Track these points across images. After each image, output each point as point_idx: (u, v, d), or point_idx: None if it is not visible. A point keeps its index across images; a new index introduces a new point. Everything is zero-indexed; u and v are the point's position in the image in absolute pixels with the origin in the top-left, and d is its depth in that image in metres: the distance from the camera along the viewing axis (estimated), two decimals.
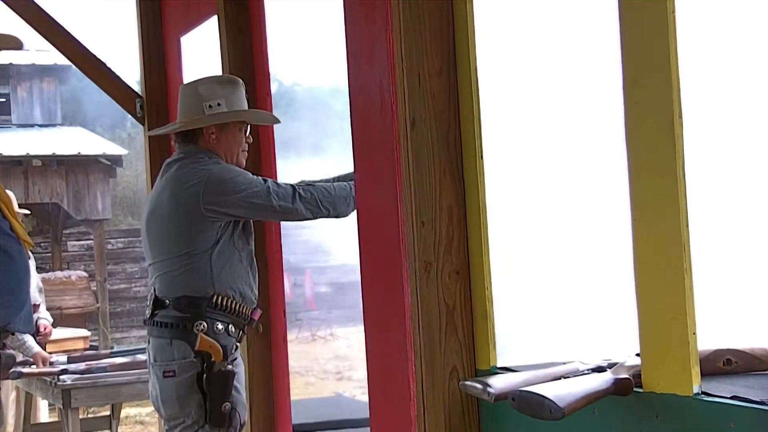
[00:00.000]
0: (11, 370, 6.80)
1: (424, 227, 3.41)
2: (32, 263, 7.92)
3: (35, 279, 7.88)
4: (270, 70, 4.81)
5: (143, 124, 5.96)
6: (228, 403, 3.91)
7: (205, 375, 3.91)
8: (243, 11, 4.71)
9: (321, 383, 15.42)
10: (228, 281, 4.04)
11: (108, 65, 6.18)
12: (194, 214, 3.99)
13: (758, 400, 2.41)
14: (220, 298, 3.99)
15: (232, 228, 4.09)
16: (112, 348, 11.63)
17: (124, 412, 8.28)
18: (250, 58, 4.73)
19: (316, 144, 22.25)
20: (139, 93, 6.06)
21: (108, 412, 7.76)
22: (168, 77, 5.95)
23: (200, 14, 5.31)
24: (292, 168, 7.17)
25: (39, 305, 7.77)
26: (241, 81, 4.23)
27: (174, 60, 5.88)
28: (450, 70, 3.46)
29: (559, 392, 2.60)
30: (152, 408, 6.20)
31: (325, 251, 22.97)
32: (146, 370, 6.58)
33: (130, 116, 6.21)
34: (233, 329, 4.07)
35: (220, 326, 3.98)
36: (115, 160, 18.67)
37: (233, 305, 4.04)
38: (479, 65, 3.44)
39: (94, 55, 6.03)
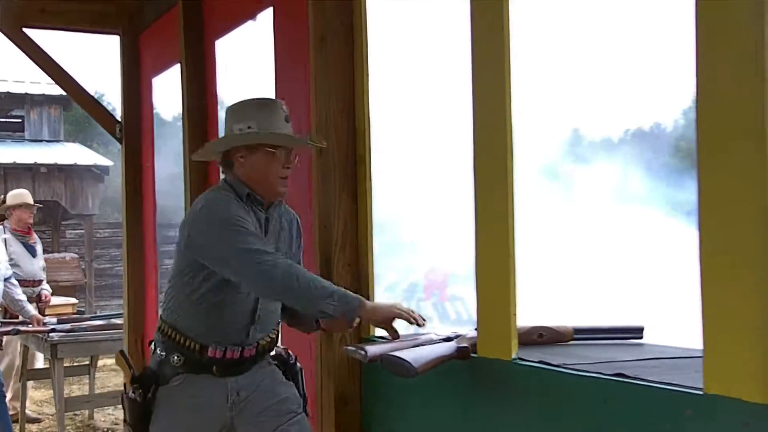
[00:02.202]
0: (11, 328, 6.79)
1: (326, 230, 3.46)
2: (39, 247, 7.90)
3: (41, 260, 7.83)
4: (218, 105, 4.71)
5: (121, 143, 5.94)
6: (129, 427, 2.98)
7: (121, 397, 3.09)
8: (199, 59, 4.70)
9: None
10: (181, 312, 2.97)
11: (95, 97, 6.15)
12: (182, 248, 2.97)
13: (557, 363, 2.49)
14: (165, 327, 2.98)
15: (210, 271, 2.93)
16: (94, 313, 11.48)
17: (100, 362, 8.21)
18: (204, 94, 4.71)
19: None
20: (119, 119, 6.02)
21: (88, 362, 7.70)
22: (142, 109, 5.96)
23: (169, 61, 5.31)
24: None
25: (42, 280, 7.77)
26: (279, 103, 3.08)
27: (147, 95, 5.88)
28: (350, 111, 3.49)
29: (415, 356, 2.63)
30: None
31: None
32: (118, 330, 6.60)
33: None
34: (176, 360, 2.93)
35: (163, 354, 2.96)
36: (104, 169, 19.04)
37: (177, 337, 2.94)
38: (372, 108, 3.49)
39: (84, 89, 6.00)
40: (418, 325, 2.84)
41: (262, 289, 2.85)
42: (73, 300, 10.44)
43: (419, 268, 13.13)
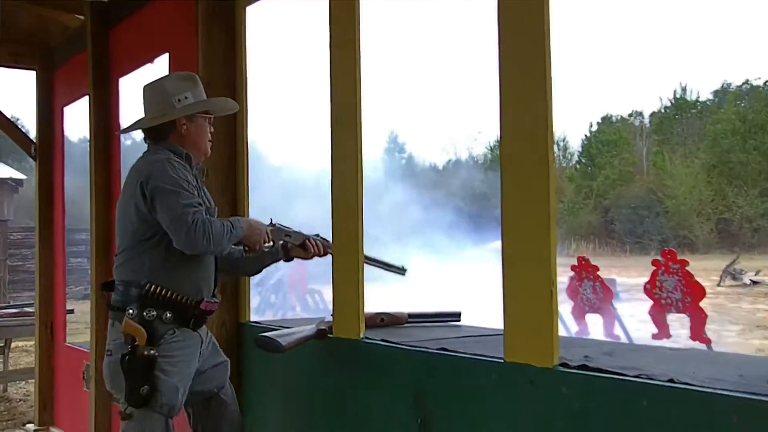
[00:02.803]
0: None
1: None
2: None
3: None
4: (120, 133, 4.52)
5: (35, 161, 5.68)
6: (146, 386, 2.59)
7: (127, 357, 2.63)
8: (105, 94, 4.57)
9: None
10: (163, 273, 2.68)
11: (13, 121, 5.86)
12: (138, 204, 2.67)
13: (395, 341, 2.54)
14: (153, 287, 2.64)
15: None
16: (8, 303, 10.91)
17: (13, 345, 7.82)
18: (110, 123, 4.58)
19: None
20: (34, 140, 5.76)
21: (2, 344, 7.37)
22: (54, 132, 5.72)
23: (78, 94, 5.15)
24: None
25: None
26: (197, 76, 2.92)
27: (58, 121, 5.67)
28: (231, 139, 3.45)
29: (282, 336, 2.65)
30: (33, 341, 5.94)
31: None
32: (30, 317, 6.32)
33: None
34: (169, 316, 2.65)
35: (153, 313, 2.63)
36: (18, 182, 18.64)
37: (168, 295, 2.66)
38: (249, 134, 3.46)
39: (3, 113, 5.70)
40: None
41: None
42: None
43: (283, 267, 13.14)
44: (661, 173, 37.95)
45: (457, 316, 3.13)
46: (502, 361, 2.10)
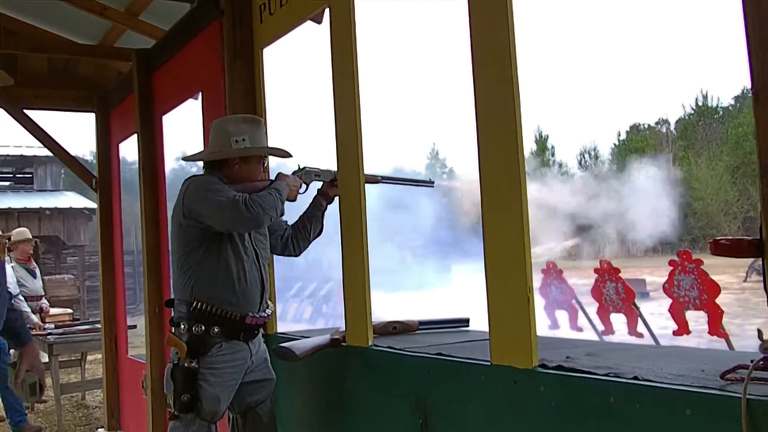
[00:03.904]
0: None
1: None
2: (38, 271, 7.78)
3: (40, 281, 7.74)
4: (164, 162, 4.68)
5: (96, 192, 5.86)
6: (187, 395, 2.62)
7: (173, 367, 2.70)
8: (151, 131, 4.68)
9: None
10: (208, 290, 2.67)
11: (75, 156, 6.07)
12: (180, 220, 2.69)
13: (399, 347, 2.55)
14: (199, 304, 2.66)
15: (220, 236, 2.68)
16: (87, 320, 11.18)
17: (90, 357, 8.07)
18: (154, 157, 4.69)
19: None
20: (95, 174, 5.94)
21: (78, 357, 7.60)
22: (111, 166, 5.88)
23: (129, 131, 5.27)
24: None
25: (42, 296, 7.73)
26: (262, 120, 2.95)
27: (115, 156, 5.83)
28: None
29: (298, 346, 2.68)
30: None
31: None
32: (99, 332, 6.47)
33: None
34: (216, 331, 2.65)
35: (202, 327, 2.64)
36: (93, 211, 19.23)
37: (214, 311, 2.65)
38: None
39: (66, 150, 5.91)
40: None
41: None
42: (69, 311, 10.16)
43: (332, 279, 13.44)
44: (688, 177, 37.12)
45: (465, 321, 3.11)
46: (489, 363, 2.10)
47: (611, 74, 51.92)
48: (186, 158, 2.98)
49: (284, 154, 2.93)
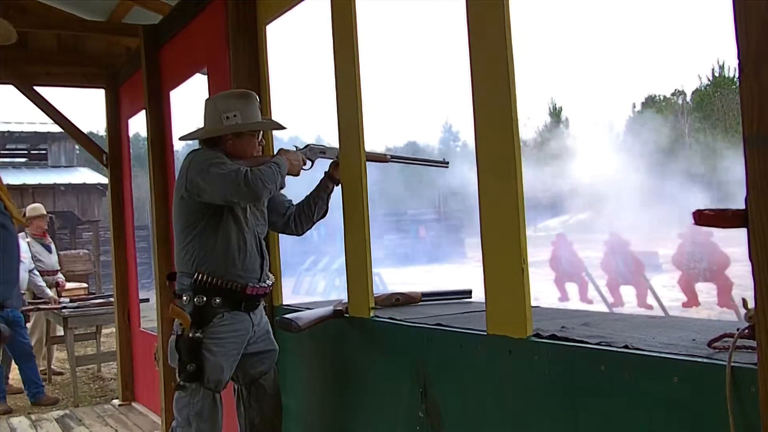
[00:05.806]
0: (33, 307, 6.81)
1: None
2: (53, 246, 7.88)
3: (55, 255, 7.84)
4: (172, 137, 4.71)
5: (107, 168, 5.91)
6: (193, 365, 2.67)
7: (177, 338, 2.75)
8: (159, 106, 4.71)
9: None
10: (210, 261, 2.71)
11: (86, 133, 6.11)
12: (182, 192, 2.72)
13: (400, 318, 2.58)
14: (201, 276, 2.70)
15: (221, 209, 2.71)
16: (102, 293, 11.37)
17: (105, 330, 8.16)
18: (163, 133, 4.72)
19: None
20: (105, 150, 6.00)
21: (94, 330, 7.73)
22: (121, 142, 5.93)
23: (139, 107, 5.31)
24: None
25: (58, 270, 7.86)
26: (254, 94, 2.90)
27: (125, 132, 5.87)
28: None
29: (300, 316, 2.72)
30: None
31: None
32: (112, 306, 6.57)
33: None
34: (218, 301, 2.71)
35: (204, 298, 2.69)
36: (105, 186, 19.06)
37: (215, 282, 2.70)
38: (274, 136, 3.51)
39: (77, 127, 5.96)
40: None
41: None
42: (85, 285, 10.33)
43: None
44: (704, 148, 36.75)
45: (468, 293, 3.13)
46: (485, 333, 2.13)
47: (626, 45, 51.29)
48: (182, 137, 3.01)
49: (277, 127, 2.95)
